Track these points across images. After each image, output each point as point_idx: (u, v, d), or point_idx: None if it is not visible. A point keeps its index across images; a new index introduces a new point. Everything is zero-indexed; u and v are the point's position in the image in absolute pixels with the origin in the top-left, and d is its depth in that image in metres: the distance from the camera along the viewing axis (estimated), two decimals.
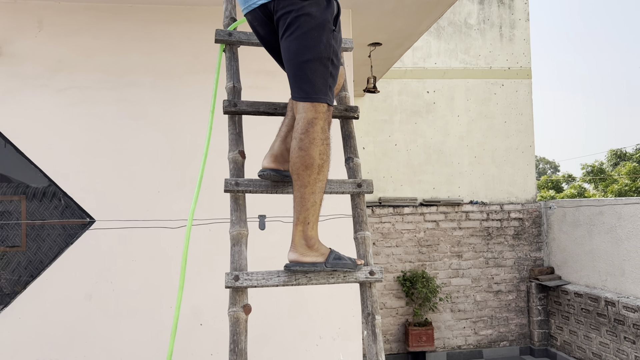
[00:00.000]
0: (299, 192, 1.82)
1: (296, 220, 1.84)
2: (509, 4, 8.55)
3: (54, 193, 3.69)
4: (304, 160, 1.78)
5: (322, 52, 1.80)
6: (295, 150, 1.80)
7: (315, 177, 1.81)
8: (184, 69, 3.80)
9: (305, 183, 1.80)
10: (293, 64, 1.82)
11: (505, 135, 8.42)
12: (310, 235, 1.83)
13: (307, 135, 1.79)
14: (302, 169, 1.79)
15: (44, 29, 3.71)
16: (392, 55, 5.54)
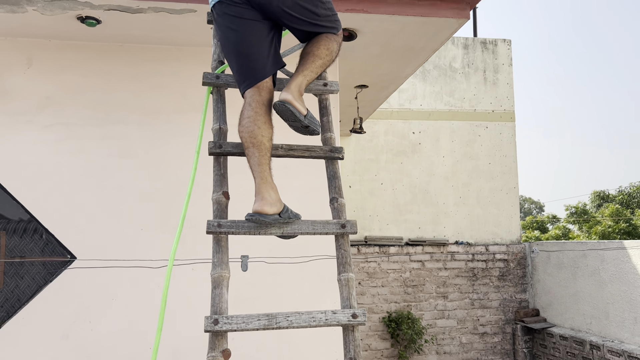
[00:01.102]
0: (313, 59, 2.24)
1: (299, 73, 2.23)
2: (492, 49, 8.80)
3: (35, 229, 3.64)
4: (328, 45, 2.26)
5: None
6: (324, 38, 2.27)
7: (328, 60, 2.28)
8: (172, 107, 3.83)
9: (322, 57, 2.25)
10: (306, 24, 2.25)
11: (489, 176, 8.52)
12: (302, 87, 2.24)
13: (330, 37, 2.28)
14: (325, 49, 2.26)
15: (33, 66, 3.74)
16: (379, 97, 5.63)
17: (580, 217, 22.46)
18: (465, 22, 3.49)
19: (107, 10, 3.28)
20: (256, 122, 2.16)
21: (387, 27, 3.58)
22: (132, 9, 3.26)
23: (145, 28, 3.56)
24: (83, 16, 3.37)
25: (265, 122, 2.17)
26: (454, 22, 3.49)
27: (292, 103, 2.15)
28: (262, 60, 2.21)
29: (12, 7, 3.24)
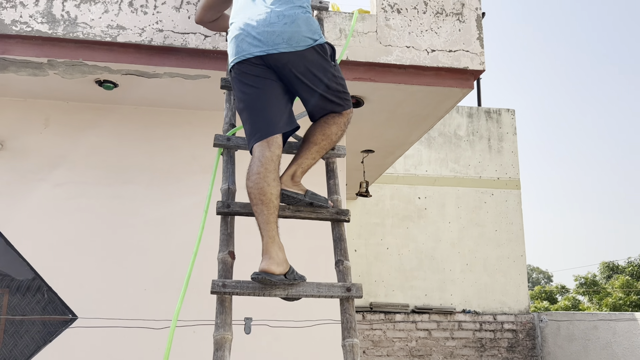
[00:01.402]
0: (308, 147, 2.39)
1: (293, 162, 2.37)
2: (496, 118, 8.98)
3: (38, 287, 3.62)
4: (325, 130, 2.39)
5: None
6: (322, 123, 2.40)
7: (326, 145, 2.41)
8: (181, 168, 3.90)
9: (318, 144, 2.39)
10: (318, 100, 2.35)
11: (496, 243, 8.46)
12: (297, 177, 2.38)
13: (334, 119, 2.39)
14: (321, 135, 2.39)
15: (50, 126, 3.85)
16: (385, 162, 5.72)
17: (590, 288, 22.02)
18: (469, 92, 3.60)
19: (124, 75, 3.42)
20: (266, 179, 2.19)
21: (394, 95, 3.70)
22: (149, 73, 3.40)
23: (160, 92, 3.69)
24: (101, 80, 3.51)
25: (274, 179, 2.21)
26: (458, 91, 3.61)
27: (288, 188, 2.31)
28: (275, 116, 2.30)
29: (34, 71, 3.39)
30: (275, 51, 2.22)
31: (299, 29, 2.24)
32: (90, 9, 3.23)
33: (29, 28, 3.16)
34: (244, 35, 2.28)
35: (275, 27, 2.23)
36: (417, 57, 3.46)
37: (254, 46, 2.25)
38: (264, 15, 2.26)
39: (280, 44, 2.22)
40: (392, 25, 3.49)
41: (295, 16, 2.26)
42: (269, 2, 2.30)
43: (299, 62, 2.25)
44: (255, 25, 2.26)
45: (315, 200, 2.38)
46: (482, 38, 3.58)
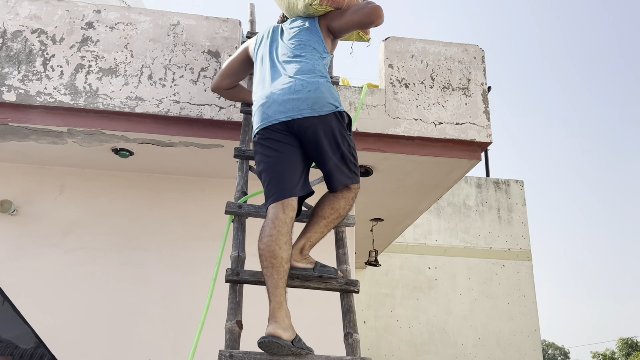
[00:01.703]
0: (317, 220, 2.45)
1: (302, 236, 2.42)
2: (505, 189, 9.01)
3: (41, 355, 3.56)
4: (333, 204, 2.46)
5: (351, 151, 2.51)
6: (330, 197, 2.48)
7: (335, 218, 2.47)
8: (191, 235, 3.93)
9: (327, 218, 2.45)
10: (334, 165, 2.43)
11: (508, 317, 8.24)
12: (306, 250, 2.43)
13: (342, 194, 2.47)
14: (329, 208, 2.46)
15: (65, 192, 3.93)
16: (394, 231, 5.71)
17: None
18: (477, 163, 3.66)
19: (140, 144, 3.53)
20: (278, 242, 2.22)
21: (403, 165, 3.76)
22: (164, 142, 3.50)
23: (174, 160, 3.79)
24: (117, 148, 3.62)
25: (286, 242, 2.23)
26: (466, 162, 3.66)
27: (294, 266, 2.36)
28: (292, 180, 2.40)
29: (54, 139, 3.51)
30: (300, 116, 2.36)
31: (323, 95, 2.39)
32: (111, 81, 3.38)
33: (52, 99, 3.30)
34: (270, 103, 2.43)
35: (300, 95, 2.38)
36: (425, 129, 3.55)
37: (280, 112, 2.39)
38: (289, 85, 2.41)
39: (304, 109, 2.36)
40: (400, 98, 3.61)
41: (319, 84, 2.42)
42: (291, 72, 2.46)
43: (321, 126, 2.37)
44: (281, 93, 2.41)
45: (324, 272, 2.38)
46: (488, 111, 3.68)
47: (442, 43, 3.84)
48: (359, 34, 2.97)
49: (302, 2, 2.66)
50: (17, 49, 3.39)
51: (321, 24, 2.67)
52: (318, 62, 2.53)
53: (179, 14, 3.61)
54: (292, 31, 2.67)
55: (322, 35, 2.64)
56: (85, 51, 3.43)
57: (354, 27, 2.68)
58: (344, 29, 2.68)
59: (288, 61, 2.53)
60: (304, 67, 2.47)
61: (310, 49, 2.56)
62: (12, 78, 3.31)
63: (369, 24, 2.66)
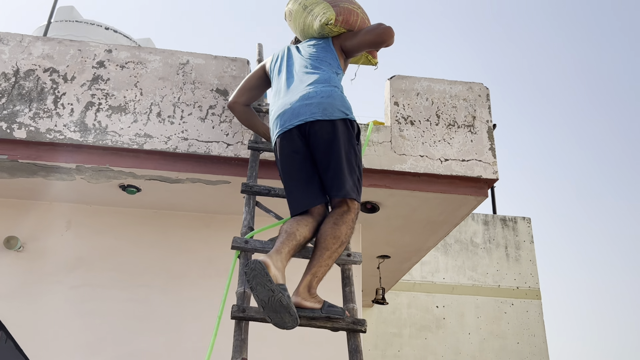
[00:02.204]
0: (320, 253, 2.34)
1: (308, 271, 2.32)
2: (512, 226, 8.95)
3: None
4: (335, 232, 2.36)
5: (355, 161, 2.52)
6: (330, 225, 2.38)
7: (338, 247, 2.37)
8: (197, 272, 3.90)
9: (330, 248, 2.34)
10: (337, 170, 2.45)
11: (519, 357, 8.05)
12: (314, 288, 2.33)
13: (342, 218, 2.40)
14: (331, 238, 2.35)
15: (71, 229, 3.94)
16: (401, 268, 5.65)
17: None
18: (483, 199, 3.65)
19: (148, 180, 3.55)
20: (299, 223, 2.41)
21: (409, 201, 3.76)
22: (171, 179, 3.52)
23: (181, 196, 3.80)
24: (125, 184, 3.64)
25: (305, 225, 2.41)
26: (473, 199, 3.65)
27: (302, 305, 2.26)
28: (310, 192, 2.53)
29: (62, 176, 3.54)
30: (311, 119, 2.49)
31: (334, 102, 2.53)
32: (120, 118, 3.43)
33: (62, 136, 3.34)
34: (286, 111, 2.58)
35: (313, 100, 2.52)
36: (431, 165, 3.56)
37: (294, 117, 2.53)
38: (304, 92, 2.57)
39: (316, 112, 2.50)
40: (406, 135, 3.63)
41: (332, 92, 2.57)
42: (306, 83, 2.62)
43: (329, 129, 2.48)
44: (296, 101, 2.56)
45: (332, 313, 2.30)
46: (494, 148, 3.70)
47: (447, 81, 3.89)
48: (367, 58, 3.15)
49: (317, 23, 2.87)
50: (29, 87, 3.46)
51: (335, 43, 2.87)
52: (333, 76, 2.68)
53: (188, 53, 3.69)
54: (309, 48, 2.86)
55: (337, 55, 2.83)
56: (96, 89, 3.50)
57: (366, 46, 2.86)
58: (356, 48, 2.87)
59: (305, 73, 2.69)
60: (320, 78, 2.62)
61: (326, 64, 2.74)
62: (23, 115, 3.37)
63: (381, 44, 2.83)
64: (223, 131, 3.47)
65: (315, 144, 2.49)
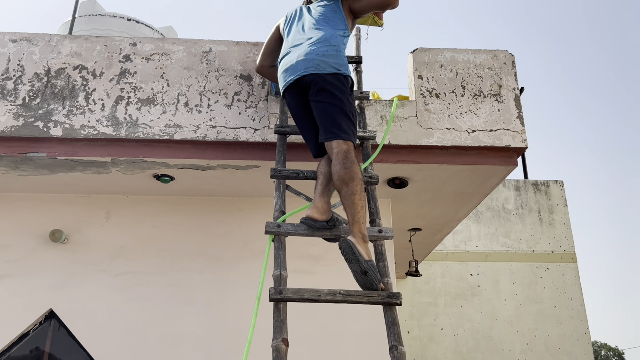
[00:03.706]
0: (350, 200, 2.52)
1: (352, 220, 2.52)
2: (545, 190, 8.84)
3: None
4: (349, 174, 2.55)
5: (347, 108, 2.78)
6: (342, 169, 2.56)
7: (360, 186, 2.55)
8: (233, 255, 4.01)
9: (354, 191, 2.53)
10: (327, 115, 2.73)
11: (556, 321, 8.04)
12: (364, 232, 2.50)
13: (347, 159, 2.59)
14: (350, 180, 2.54)
15: (111, 219, 4.09)
16: (433, 240, 5.68)
17: None
18: (513, 169, 3.63)
19: (180, 169, 3.65)
20: (320, 163, 2.87)
21: (438, 174, 3.77)
22: (203, 166, 3.61)
23: (213, 182, 3.89)
24: (159, 174, 3.75)
25: (326, 164, 2.82)
26: (503, 169, 3.64)
27: (356, 245, 2.42)
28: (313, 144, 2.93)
29: (98, 169, 3.66)
30: (305, 73, 2.79)
31: (327, 60, 2.79)
32: (150, 110, 3.52)
33: (96, 131, 3.45)
34: (289, 67, 2.88)
35: (308, 56, 2.81)
36: (458, 137, 3.55)
37: (293, 73, 2.85)
38: (304, 50, 2.85)
39: (309, 67, 2.79)
40: (432, 109, 3.63)
41: (327, 51, 2.82)
42: (309, 41, 2.88)
43: (320, 81, 2.76)
44: (297, 57, 2.85)
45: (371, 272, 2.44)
46: (522, 116, 3.66)
47: (471, 51, 3.84)
48: (373, 19, 3.43)
49: None
50: (60, 86, 3.57)
51: (344, 4, 3.07)
52: (336, 36, 2.90)
53: (211, 41, 3.73)
54: (319, 8, 3.08)
55: (344, 15, 3.04)
56: (124, 83, 3.59)
57: (373, 8, 3.11)
58: (364, 10, 3.10)
59: (310, 31, 2.94)
60: (321, 37, 2.86)
61: (333, 24, 2.96)
62: (58, 114, 3.49)
63: (387, 6, 3.07)
64: (249, 117, 3.53)
65: (310, 94, 2.80)
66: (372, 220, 2.87)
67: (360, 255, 2.40)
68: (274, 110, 3.56)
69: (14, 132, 3.42)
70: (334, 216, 2.69)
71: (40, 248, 3.96)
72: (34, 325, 3.80)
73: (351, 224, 2.53)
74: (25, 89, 3.54)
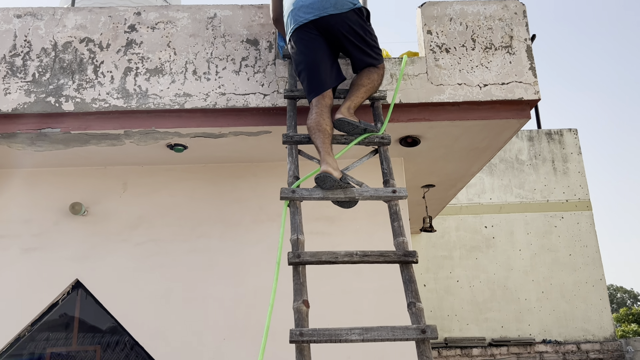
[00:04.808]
0: (357, 88, 3.06)
1: (346, 100, 3.02)
2: (558, 139, 8.76)
3: (126, 342, 3.84)
4: (369, 76, 3.10)
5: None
6: (365, 74, 3.11)
7: (370, 86, 3.09)
8: (250, 219, 4.08)
9: (365, 85, 3.08)
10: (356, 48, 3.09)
11: (571, 268, 8.12)
12: (352, 109, 2.99)
13: (373, 71, 3.12)
14: (365, 79, 3.09)
15: (128, 190, 4.15)
16: (446, 195, 5.70)
17: None
18: (526, 121, 3.59)
19: (192, 137, 3.67)
20: (322, 116, 2.95)
21: (450, 131, 3.75)
22: (215, 134, 3.63)
23: (226, 149, 3.92)
24: (172, 144, 3.77)
25: (327, 117, 2.96)
26: (515, 122, 3.61)
27: (346, 117, 2.93)
28: (327, 75, 3.06)
29: (112, 142, 3.70)
30: (325, 14, 2.95)
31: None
32: (159, 81, 3.51)
33: (107, 104, 3.47)
34: (299, 7, 3.03)
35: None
36: (470, 93, 3.52)
37: (308, 13, 2.99)
38: None
39: (328, 8, 2.97)
40: (442, 64, 3.58)
41: None
42: None
43: (344, 22, 2.99)
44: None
45: (369, 126, 2.96)
46: (534, 67, 3.60)
47: (481, 2, 3.75)
48: None
49: None
50: (69, 60, 3.56)
51: None
52: None
53: (215, 6, 3.68)
54: None
55: None
56: (131, 54, 3.57)
57: None
58: None
59: None
60: None
61: None
62: (68, 88, 3.50)
63: None
64: (258, 82, 3.51)
65: (334, 35, 3.01)
66: (385, 181, 2.89)
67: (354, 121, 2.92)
68: (282, 75, 3.53)
69: (27, 109, 3.45)
70: (344, 175, 2.83)
71: (61, 221, 4.05)
72: (62, 295, 3.93)
73: (344, 102, 3.02)
74: (34, 65, 3.55)
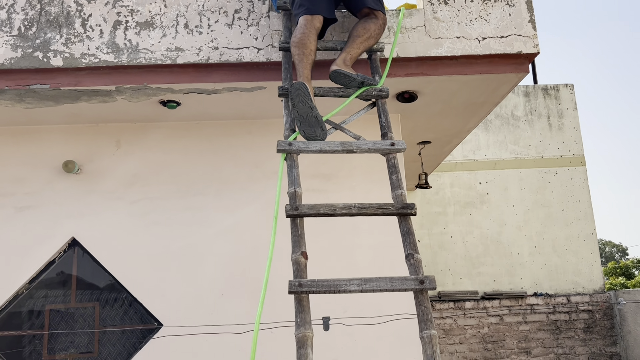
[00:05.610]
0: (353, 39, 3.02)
1: (343, 52, 2.99)
2: (554, 95, 8.70)
3: (124, 299, 3.88)
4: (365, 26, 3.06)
5: None
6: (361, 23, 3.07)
7: (367, 37, 3.04)
8: (245, 176, 4.06)
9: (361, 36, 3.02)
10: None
11: (564, 223, 8.22)
12: (348, 61, 2.95)
13: (371, 20, 3.08)
14: (362, 29, 3.04)
15: (121, 148, 4.10)
16: (442, 152, 5.69)
17: None
18: (524, 76, 3.54)
19: (186, 94, 3.60)
20: (307, 36, 2.93)
21: (448, 86, 3.70)
22: (209, 90, 3.56)
23: (220, 106, 3.85)
24: (165, 100, 3.71)
25: (313, 39, 2.94)
26: (514, 76, 3.56)
27: (342, 69, 2.89)
28: (322, 2, 3.04)
29: (104, 98, 3.62)
30: None
31: None
32: (149, 34, 3.42)
33: (97, 59, 3.38)
34: None
35: None
36: (469, 46, 3.45)
37: None
38: None
39: None
40: (441, 17, 3.49)
41: None
42: None
43: None
44: None
45: (366, 79, 2.92)
46: (534, 20, 3.52)
47: None
48: None
49: None
50: (55, 13, 3.45)
51: None
52: None
53: None
54: None
55: None
56: (120, 6, 3.46)
57: None
58: None
59: None
60: None
61: None
62: (56, 42, 3.40)
63: None
64: (252, 35, 3.43)
65: None
66: (383, 134, 2.86)
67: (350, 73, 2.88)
68: (276, 28, 3.44)
69: (14, 64, 3.36)
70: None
71: (55, 179, 4.01)
72: (59, 253, 3.94)
73: (340, 54, 2.99)
74: (20, 18, 3.43)
